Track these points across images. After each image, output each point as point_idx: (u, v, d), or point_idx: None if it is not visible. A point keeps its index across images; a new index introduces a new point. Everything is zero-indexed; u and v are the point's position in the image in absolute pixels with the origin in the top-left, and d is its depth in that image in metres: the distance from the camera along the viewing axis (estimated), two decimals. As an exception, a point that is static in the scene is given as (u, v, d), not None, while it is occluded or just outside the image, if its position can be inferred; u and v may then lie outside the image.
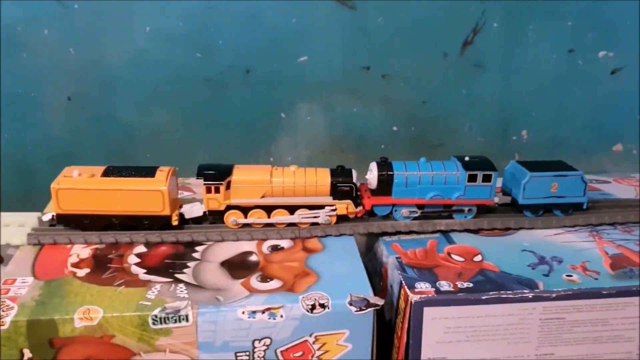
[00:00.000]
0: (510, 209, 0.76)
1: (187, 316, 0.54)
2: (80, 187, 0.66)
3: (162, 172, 0.68)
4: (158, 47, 1.01)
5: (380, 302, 0.57)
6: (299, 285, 0.59)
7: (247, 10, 1.00)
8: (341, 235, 0.70)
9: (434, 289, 0.60)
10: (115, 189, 0.66)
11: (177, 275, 0.60)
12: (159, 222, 0.68)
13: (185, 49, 1.02)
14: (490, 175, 0.72)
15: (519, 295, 0.60)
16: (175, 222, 0.68)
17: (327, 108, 1.09)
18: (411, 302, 0.58)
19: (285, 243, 0.68)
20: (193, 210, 0.71)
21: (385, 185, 0.71)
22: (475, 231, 0.73)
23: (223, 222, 0.70)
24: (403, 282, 0.61)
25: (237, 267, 0.62)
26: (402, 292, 0.60)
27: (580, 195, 0.76)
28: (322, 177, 0.70)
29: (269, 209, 0.70)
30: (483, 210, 0.74)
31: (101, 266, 0.62)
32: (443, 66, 1.09)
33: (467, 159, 0.74)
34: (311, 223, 0.71)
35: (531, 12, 1.06)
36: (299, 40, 1.04)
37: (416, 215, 0.72)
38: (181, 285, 0.58)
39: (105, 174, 0.67)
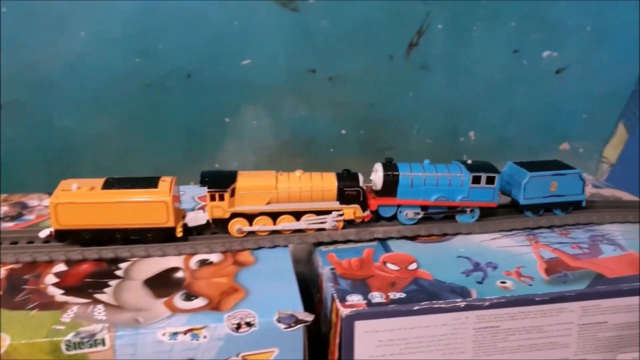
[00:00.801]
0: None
1: (103, 340, 0.52)
2: (81, 200, 0.63)
3: (165, 183, 0.66)
4: (95, 51, 0.97)
5: (309, 318, 0.56)
6: (225, 302, 0.57)
7: (187, 13, 0.98)
8: (275, 247, 0.68)
9: (365, 301, 0.58)
10: (117, 202, 0.64)
11: (97, 296, 0.57)
12: (163, 234, 0.66)
13: (123, 53, 0.99)
14: (494, 177, 0.72)
15: (451, 305, 0.59)
16: (179, 234, 0.66)
17: (273, 112, 1.08)
18: (341, 316, 0.57)
19: (215, 257, 0.66)
20: (197, 218, 0.69)
21: (390, 186, 0.71)
22: (413, 238, 0.71)
23: (227, 231, 0.68)
24: (335, 295, 0.59)
25: (161, 285, 0.60)
26: (334, 305, 0.59)
27: (579, 193, 0.76)
28: (329, 182, 0.69)
29: (274, 216, 0.68)
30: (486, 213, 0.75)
31: (15, 288, 0.59)
32: (389, 68, 1.08)
33: (469, 162, 0.75)
34: (317, 229, 0.70)
35: (475, 13, 1.05)
36: (242, 43, 1.01)
37: (420, 217, 0.73)
38: (100, 306, 0.56)
39: (106, 186, 0.65)
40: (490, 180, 0.72)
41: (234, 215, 0.67)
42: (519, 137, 1.16)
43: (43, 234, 0.67)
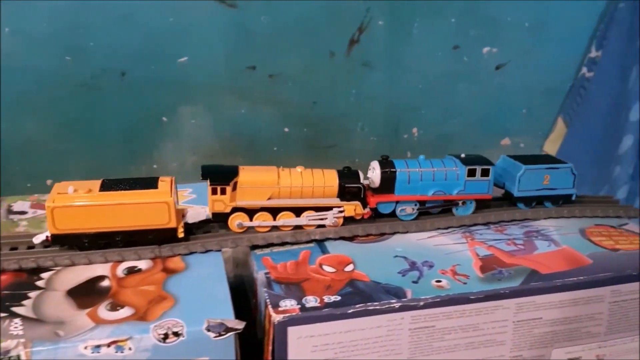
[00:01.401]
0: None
1: (19, 356, 0.49)
2: (79, 203, 0.61)
3: (165, 183, 0.64)
4: (20, 49, 0.93)
5: (240, 325, 0.54)
6: (152, 312, 0.54)
7: (119, 10, 0.94)
8: (207, 251, 0.66)
9: (299, 306, 0.57)
10: (117, 204, 0.61)
11: (15, 309, 0.54)
12: (165, 235, 0.64)
13: (52, 51, 0.94)
14: (489, 169, 0.74)
15: (386, 306, 0.58)
16: (181, 235, 0.65)
17: (212, 110, 1.05)
18: (274, 323, 0.55)
19: (143, 264, 0.63)
20: (198, 214, 0.69)
21: (388, 183, 0.72)
22: (351, 238, 0.70)
23: (227, 226, 0.68)
24: (267, 300, 0.58)
25: (86, 295, 0.57)
26: (267, 311, 0.57)
27: (570, 187, 0.78)
28: (330, 178, 0.69)
29: (274, 212, 0.68)
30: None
31: None
32: (331, 65, 1.07)
33: (462, 155, 0.76)
34: (317, 225, 0.70)
35: (415, 10, 1.05)
36: (178, 41, 0.98)
37: (417, 212, 0.74)
38: (17, 320, 0.53)
39: (104, 188, 0.63)
40: (485, 173, 0.74)
41: (235, 210, 0.67)
42: (461, 133, 1.17)
43: (38, 239, 0.63)
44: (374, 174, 0.72)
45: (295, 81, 1.06)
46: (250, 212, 0.67)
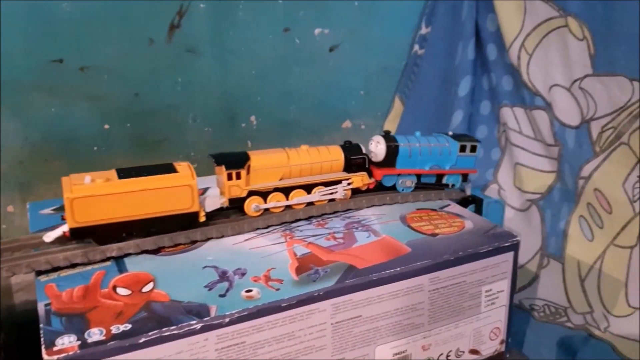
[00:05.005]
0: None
1: None
2: (101, 192, 0.58)
3: (183, 167, 0.63)
4: None
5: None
6: None
7: None
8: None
9: (79, 342, 0.49)
10: (141, 190, 0.60)
11: None
12: (186, 220, 0.63)
13: None
14: (476, 146, 0.80)
15: (185, 330, 0.52)
16: (202, 219, 0.64)
17: (16, 111, 0.92)
18: (46, 366, 0.47)
19: None
20: (213, 202, 0.67)
21: (391, 156, 0.75)
22: (156, 251, 0.63)
23: (242, 212, 0.69)
24: (42, 339, 0.49)
25: None
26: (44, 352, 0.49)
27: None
28: (336, 153, 0.72)
29: (286, 191, 0.69)
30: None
31: None
32: (151, 53, 0.98)
33: (450, 133, 0.81)
34: (328, 200, 0.73)
35: (238, -9, 0.98)
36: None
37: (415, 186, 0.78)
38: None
39: (121, 176, 0.60)
40: (473, 149, 0.79)
41: (250, 194, 0.68)
42: (302, 118, 1.13)
43: (49, 237, 0.60)
44: (377, 148, 0.75)
45: (112, 73, 0.96)
46: (264, 195, 0.69)
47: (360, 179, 0.73)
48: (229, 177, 0.66)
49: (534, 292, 0.98)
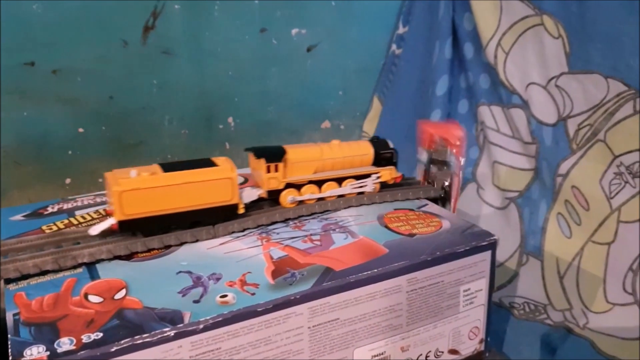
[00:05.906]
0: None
1: None
2: (149, 185, 0.60)
3: (222, 160, 0.66)
4: None
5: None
6: None
7: None
8: None
9: (48, 353, 0.48)
10: (186, 183, 0.62)
11: None
12: (227, 213, 0.66)
13: None
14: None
15: (158, 337, 0.51)
16: (242, 210, 0.67)
17: (-13, 115, 0.90)
18: (14, 378, 0.46)
19: None
20: (250, 194, 0.69)
21: None
22: (129, 256, 0.62)
23: (277, 203, 0.71)
24: (10, 350, 0.48)
25: None
26: (11, 363, 0.47)
27: None
28: (365, 148, 0.75)
29: (319, 184, 0.72)
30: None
31: None
32: (125, 55, 0.96)
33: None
34: (357, 193, 0.75)
35: (213, -9, 0.97)
36: None
37: None
38: None
39: (166, 170, 0.62)
40: None
41: (287, 186, 0.70)
42: (280, 119, 1.12)
43: (94, 230, 0.61)
44: None
45: (86, 75, 0.94)
46: (298, 188, 0.71)
47: (388, 173, 0.76)
48: (268, 170, 0.69)
49: (514, 290, 0.98)
